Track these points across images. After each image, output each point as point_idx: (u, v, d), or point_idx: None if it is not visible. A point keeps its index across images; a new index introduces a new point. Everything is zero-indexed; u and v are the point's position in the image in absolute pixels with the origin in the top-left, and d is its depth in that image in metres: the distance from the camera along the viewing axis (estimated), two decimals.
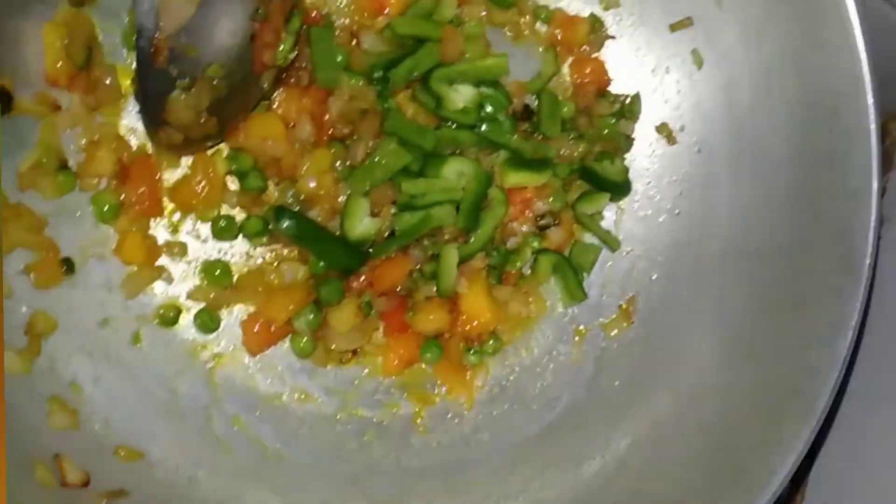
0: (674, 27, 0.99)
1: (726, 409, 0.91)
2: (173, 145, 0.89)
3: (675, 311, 0.99)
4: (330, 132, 0.93)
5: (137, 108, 0.92)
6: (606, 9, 1.01)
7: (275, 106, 0.93)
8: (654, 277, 1.01)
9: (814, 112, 0.89)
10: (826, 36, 0.86)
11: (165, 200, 0.93)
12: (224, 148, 0.93)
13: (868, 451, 1.08)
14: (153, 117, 0.87)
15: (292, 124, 0.92)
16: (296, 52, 0.91)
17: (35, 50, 0.87)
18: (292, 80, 0.93)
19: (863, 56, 0.84)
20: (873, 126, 0.84)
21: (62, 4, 0.88)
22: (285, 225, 0.90)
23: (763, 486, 0.83)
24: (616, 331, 1.00)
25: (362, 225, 0.92)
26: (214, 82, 0.85)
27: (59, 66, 0.86)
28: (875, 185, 0.83)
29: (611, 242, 1.01)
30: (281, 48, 0.89)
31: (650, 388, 0.97)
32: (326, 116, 0.93)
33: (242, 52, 0.86)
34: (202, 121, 0.87)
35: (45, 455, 0.83)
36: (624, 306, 1.01)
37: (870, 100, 0.84)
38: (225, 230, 0.93)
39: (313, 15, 0.94)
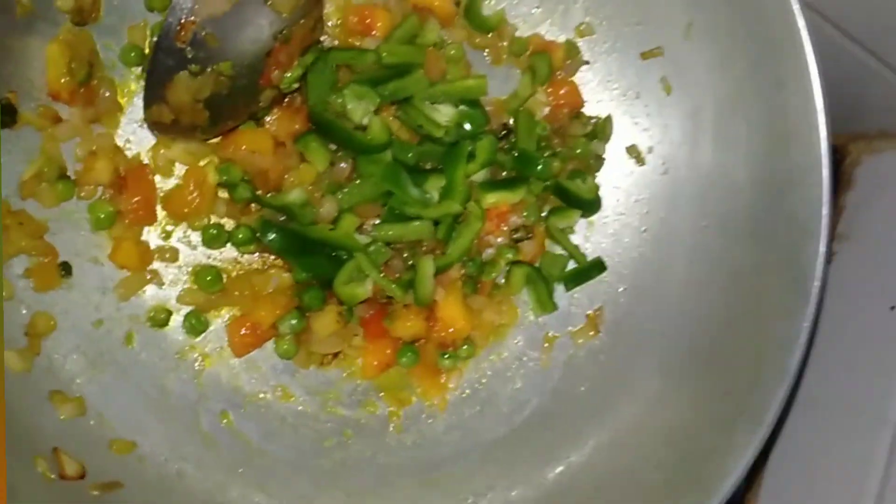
0: (644, 55, 1.01)
1: (684, 416, 0.94)
2: (161, 123, 0.90)
3: (640, 322, 1.01)
4: None
5: (135, 120, 0.93)
6: (581, 36, 1.02)
7: (266, 126, 0.94)
8: (620, 290, 1.03)
9: (772, 142, 0.92)
10: (784, 73, 0.89)
11: (158, 208, 0.94)
12: (215, 160, 0.94)
13: (815, 456, 1.13)
14: (155, 90, 0.88)
15: (282, 142, 0.93)
16: (298, 85, 0.93)
17: (38, 66, 0.88)
18: (285, 103, 0.95)
19: (818, 97, 0.86)
20: (825, 161, 0.86)
21: (65, 23, 0.89)
22: (271, 238, 0.92)
23: (716, 489, 0.86)
24: (583, 339, 1.02)
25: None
26: (221, 78, 0.87)
27: (62, 81, 0.87)
28: (825, 216, 0.86)
29: (578, 257, 1.03)
30: (289, 74, 0.91)
31: (614, 395, 0.99)
32: None
33: (256, 61, 0.88)
34: (196, 109, 0.88)
35: (44, 450, 0.84)
36: (591, 316, 1.03)
37: (822, 136, 0.86)
38: (215, 238, 0.94)
39: None
